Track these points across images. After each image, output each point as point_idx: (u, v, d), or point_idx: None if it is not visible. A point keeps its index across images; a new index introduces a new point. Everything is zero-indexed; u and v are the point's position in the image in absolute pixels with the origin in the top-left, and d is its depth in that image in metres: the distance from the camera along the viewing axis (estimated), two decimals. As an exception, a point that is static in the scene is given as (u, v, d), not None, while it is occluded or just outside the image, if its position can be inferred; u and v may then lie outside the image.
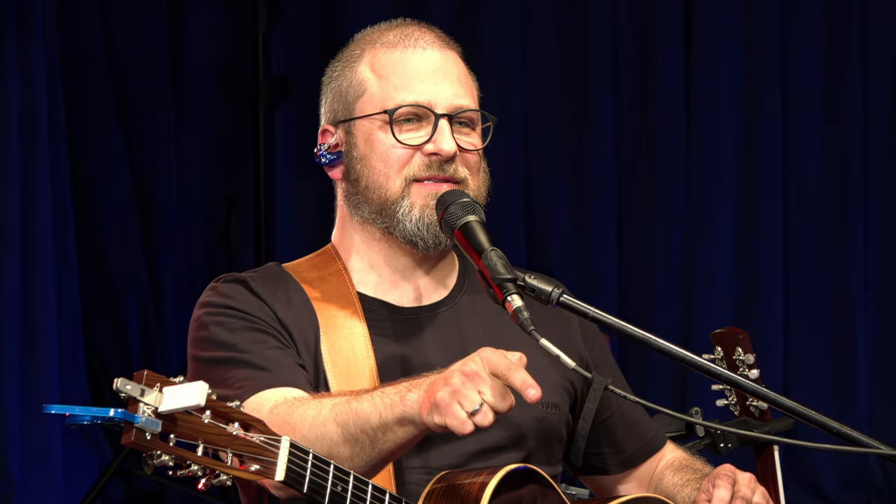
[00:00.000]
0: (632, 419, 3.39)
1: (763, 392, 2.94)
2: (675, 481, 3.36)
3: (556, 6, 7.08)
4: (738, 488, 3.10)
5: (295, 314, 3.11)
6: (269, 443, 2.64)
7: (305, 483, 2.69)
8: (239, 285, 3.14)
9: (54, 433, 6.54)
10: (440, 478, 2.98)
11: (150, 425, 2.49)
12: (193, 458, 2.55)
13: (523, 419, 3.15)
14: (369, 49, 3.23)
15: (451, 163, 3.13)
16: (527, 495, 2.97)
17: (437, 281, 3.22)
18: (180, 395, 2.52)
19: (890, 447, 2.83)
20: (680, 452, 3.45)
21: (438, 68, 3.17)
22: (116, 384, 2.48)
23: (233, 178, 6.98)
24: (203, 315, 3.12)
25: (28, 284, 6.53)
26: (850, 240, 7.04)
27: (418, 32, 3.22)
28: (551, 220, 7.09)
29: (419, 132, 3.14)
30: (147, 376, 2.51)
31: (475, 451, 3.09)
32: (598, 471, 3.40)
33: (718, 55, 7.06)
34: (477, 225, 3.00)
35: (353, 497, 2.77)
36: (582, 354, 3.29)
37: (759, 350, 4.15)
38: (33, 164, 6.55)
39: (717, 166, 7.07)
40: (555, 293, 2.90)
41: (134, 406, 2.50)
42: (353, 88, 3.21)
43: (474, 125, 3.20)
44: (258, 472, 2.62)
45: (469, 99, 3.18)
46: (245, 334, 3.06)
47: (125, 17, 6.87)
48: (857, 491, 7.04)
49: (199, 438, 2.56)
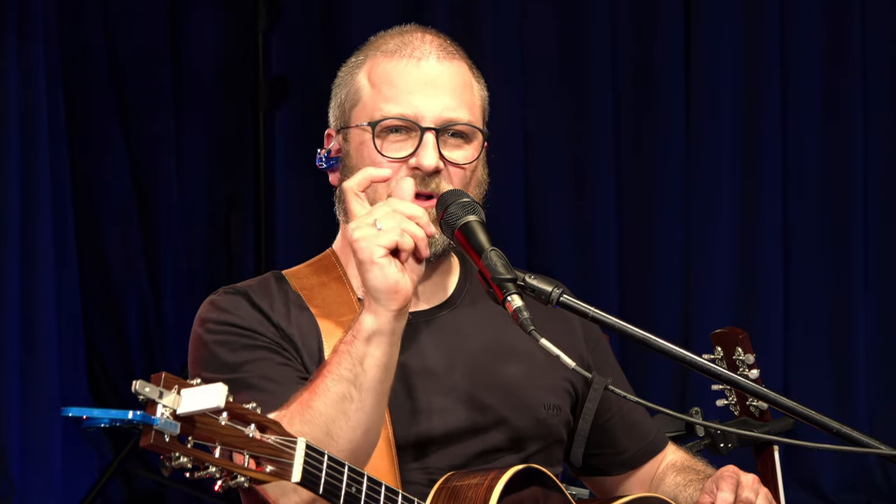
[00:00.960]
0: (633, 420, 3.39)
1: (763, 392, 2.94)
2: (678, 482, 3.36)
3: (556, 6, 7.08)
4: (741, 490, 3.10)
5: (296, 323, 3.10)
6: (286, 444, 2.64)
7: (321, 484, 2.69)
8: (239, 297, 3.14)
9: (54, 433, 6.54)
10: (446, 479, 2.98)
11: (169, 427, 2.49)
12: (211, 459, 2.55)
13: (524, 421, 3.15)
14: (371, 56, 3.21)
15: (434, 177, 3.10)
16: (532, 496, 2.98)
17: (437, 285, 3.22)
18: (199, 397, 2.52)
19: (890, 447, 2.83)
20: (682, 454, 3.45)
21: (431, 80, 3.14)
22: (135, 386, 2.48)
23: (233, 178, 6.98)
24: (204, 333, 3.12)
25: (28, 284, 6.53)
26: (850, 240, 7.04)
27: (419, 41, 3.19)
28: (551, 220, 7.09)
29: (405, 145, 3.13)
30: (165, 378, 2.51)
31: (476, 452, 3.09)
32: (599, 472, 3.40)
33: (718, 55, 7.06)
34: (477, 225, 2.99)
35: (367, 498, 2.77)
36: (583, 355, 3.29)
37: (759, 350, 4.15)
38: (33, 164, 6.55)
39: (717, 166, 7.07)
40: (555, 293, 2.89)
41: (152, 408, 2.49)
42: (351, 96, 3.21)
43: (469, 138, 3.16)
44: (274, 473, 2.63)
45: (463, 111, 3.14)
46: (246, 353, 3.06)
47: (125, 17, 6.87)
48: (857, 491, 7.04)
49: (217, 440, 2.56)
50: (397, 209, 2.89)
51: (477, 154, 3.17)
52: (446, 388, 3.10)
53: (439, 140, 3.12)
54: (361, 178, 2.99)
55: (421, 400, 3.08)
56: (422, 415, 3.07)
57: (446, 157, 3.13)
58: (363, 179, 2.99)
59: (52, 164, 6.62)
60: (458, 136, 3.15)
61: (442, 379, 3.11)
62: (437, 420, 3.05)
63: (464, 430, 3.09)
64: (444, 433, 3.07)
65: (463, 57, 3.22)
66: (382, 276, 2.85)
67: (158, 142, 6.91)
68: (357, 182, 2.99)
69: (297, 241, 6.86)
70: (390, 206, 2.89)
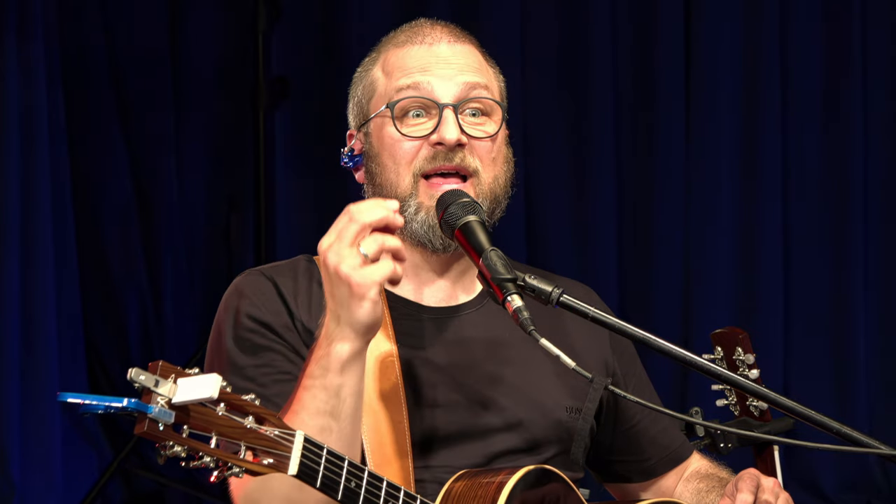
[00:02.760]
0: (658, 429, 3.39)
1: (763, 392, 2.94)
2: (700, 487, 3.36)
3: (556, 6, 7.08)
4: (761, 493, 3.09)
5: (317, 314, 3.07)
6: (284, 437, 2.63)
7: (319, 478, 2.67)
8: (266, 283, 3.13)
9: (54, 433, 6.54)
10: (458, 476, 2.98)
11: (164, 416, 2.49)
12: (206, 449, 2.54)
13: (542, 423, 3.14)
14: (383, 51, 3.23)
15: (457, 151, 3.11)
16: (544, 497, 2.97)
17: (463, 282, 3.21)
18: (195, 386, 2.52)
19: (890, 447, 2.83)
20: (706, 462, 3.45)
21: (445, 59, 3.17)
22: (131, 374, 2.48)
23: (233, 178, 6.98)
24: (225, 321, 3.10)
25: (28, 284, 6.52)
26: (850, 240, 7.04)
27: (429, 29, 3.23)
28: (551, 220, 7.09)
29: (426, 124, 3.13)
30: (162, 367, 2.51)
31: (493, 453, 3.09)
32: (622, 478, 3.40)
33: (718, 55, 7.06)
34: (477, 225, 2.99)
35: (367, 494, 2.75)
36: (608, 360, 3.29)
37: (759, 350, 4.15)
38: (33, 164, 6.55)
39: (717, 166, 7.06)
40: (555, 293, 2.89)
41: (148, 396, 2.49)
42: (367, 90, 3.22)
43: (489, 113, 3.18)
44: (271, 465, 2.62)
45: (479, 88, 3.16)
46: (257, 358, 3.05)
47: (125, 17, 6.86)
48: (857, 491, 7.04)
49: (213, 430, 2.55)
50: (366, 221, 2.76)
51: (497, 127, 3.17)
52: (465, 387, 3.10)
53: (458, 116, 3.12)
54: (377, 217, 2.80)
55: (440, 398, 3.08)
56: (439, 413, 3.07)
57: (467, 133, 3.12)
58: (379, 221, 2.80)
59: (52, 164, 6.61)
60: (477, 114, 3.16)
61: (461, 378, 3.11)
62: (454, 419, 3.05)
63: (479, 430, 3.09)
64: (460, 433, 3.07)
65: (474, 42, 3.25)
66: (373, 312, 2.78)
67: (158, 142, 6.91)
68: (372, 219, 2.79)
69: (297, 241, 6.86)
70: (358, 222, 2.76)
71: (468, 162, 3.12)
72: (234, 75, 6.95)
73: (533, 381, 3.15)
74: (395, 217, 2.80)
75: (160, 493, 6.86)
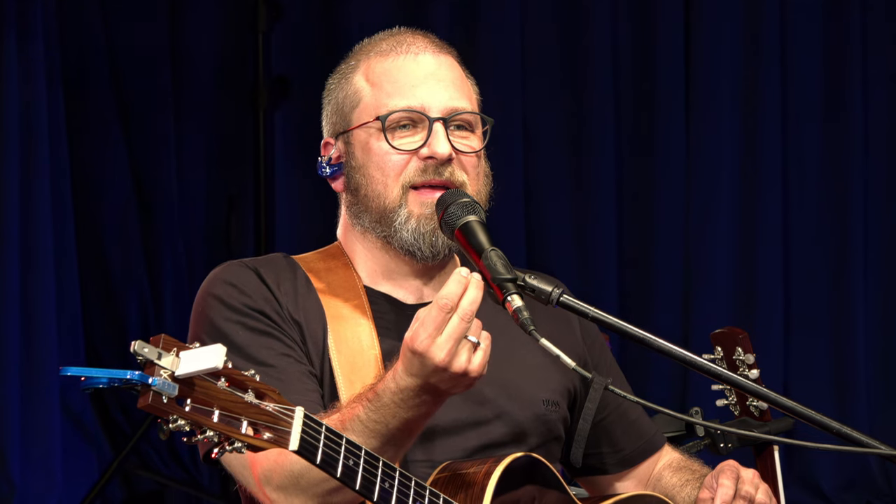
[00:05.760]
0: (630, 419, 3.40)
1: (763, 392, 2.94)
2: (674, 482, 3.36)
3: (556, 7, 7.08)
4: (741, 485, 3.10)
5: (303, 307, 3.12)
6: (284, 412, 2.63)
7: (318, 454, 2.68)
8: (248, 272, 3.15)
9: (54, 434, 6.54)
10: (444, 468, 3.01)
11: (167, 388, 2.49)
12: (209, 423, 2.54)
13: (524, 416, 3.17)
14: (364, 59, 3.24)
15: (447, 166, 3.13)
16: (530, 485, 2.98)
17: (441, 284, 3.22)
18: (197, 358, 2.51)
19: (890, 447, 2.83)
20: (677, 454, 3.46)
21: (432, 73, 3.18)
22: (134, 346, 2.47)
23: (233, 178, 6.98)
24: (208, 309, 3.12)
25: (28, 284, 6.52)
26: (850, 239, 7.04)
27: (411, 39, 3.23)
28: (551, 221, 7.09)
29: (414, 137, 3.15)
30: (164, 340, 2.51)
31: (477, 446, 3.11)
32: (597, 471, 3.41)
33: (718, 55, 7.06)
34: (477, 225, 3.00)
35: (365, 472, 2.76)
36: (581, 354, 3.30)
37: (759, 350, 4.15)
38: (33, 164, 6.55)
39: (717, 166, 7.06)
40: (555, 293, 2.90)
41: (150, 369, 2.48)
42: (349, 99, 3.23)
43: (473, 128, 3.20)
44: (272, 440, 2.62)
45: (465, 101, 3.19)
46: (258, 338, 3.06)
47: (125, 17, 6.86)
48: (857, 491, 7.04)
49: (215, 405, 2.55)
50: (472, 314, 2.82)
51: (483, 142, 3.20)
52: None
53: (447, 130, 3.14)
54: (478, 305, 2.85)
55: None
56: None
57: (455, 146, 3.14)
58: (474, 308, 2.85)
59: (52, 164, 6.61)
60: (463, 128, 3.18)
61: None
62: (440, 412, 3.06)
63: (466, 422, 3.11)
64: (447, 425, 3.09)
65: (453, 54, 3.27)
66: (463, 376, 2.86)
67: (158, 142, 6.91)
68: (475, 309, 2.85)
69: (297, 241, 6.86)
70: (468, 320, 2.82)
71: (457, 176, 3.15)
72: (234, 75, 6.95)
73: (512, 375, 3.18)
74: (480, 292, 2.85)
75: (160, 493, 6.86)
